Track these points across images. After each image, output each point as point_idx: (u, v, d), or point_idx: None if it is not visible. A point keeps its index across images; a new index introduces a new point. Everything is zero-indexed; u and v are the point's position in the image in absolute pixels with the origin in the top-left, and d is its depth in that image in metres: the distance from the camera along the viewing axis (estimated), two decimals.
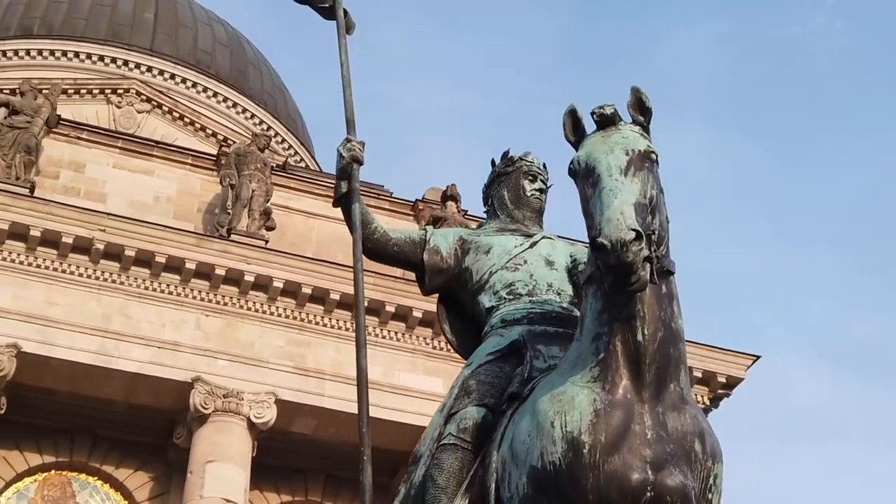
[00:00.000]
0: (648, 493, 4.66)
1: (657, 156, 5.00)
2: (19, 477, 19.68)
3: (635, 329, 4.84)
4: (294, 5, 6.68)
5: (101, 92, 29.88)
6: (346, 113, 6.24)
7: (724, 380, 22.68)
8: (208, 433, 19.00)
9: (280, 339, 20.09)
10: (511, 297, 5.78)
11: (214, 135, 30.17)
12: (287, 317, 20.30)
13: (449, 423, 5.38)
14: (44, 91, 21.87)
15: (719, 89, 71.88)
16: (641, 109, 5.10)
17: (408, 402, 20.40)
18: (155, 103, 30.15)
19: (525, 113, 74.65)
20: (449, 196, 23.43)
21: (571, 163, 5.09)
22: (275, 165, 23.91)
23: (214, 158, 22.62)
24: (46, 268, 19.29)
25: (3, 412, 18.85)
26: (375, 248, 6.02)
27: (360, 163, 5.94)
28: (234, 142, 25.13)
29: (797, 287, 65.39)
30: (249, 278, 20.05)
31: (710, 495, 4.86)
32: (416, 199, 23.77)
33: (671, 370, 4.91)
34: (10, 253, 19.22)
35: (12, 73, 29.15)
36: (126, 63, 31.36)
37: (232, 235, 20.65)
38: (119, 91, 29.98)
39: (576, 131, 5.17)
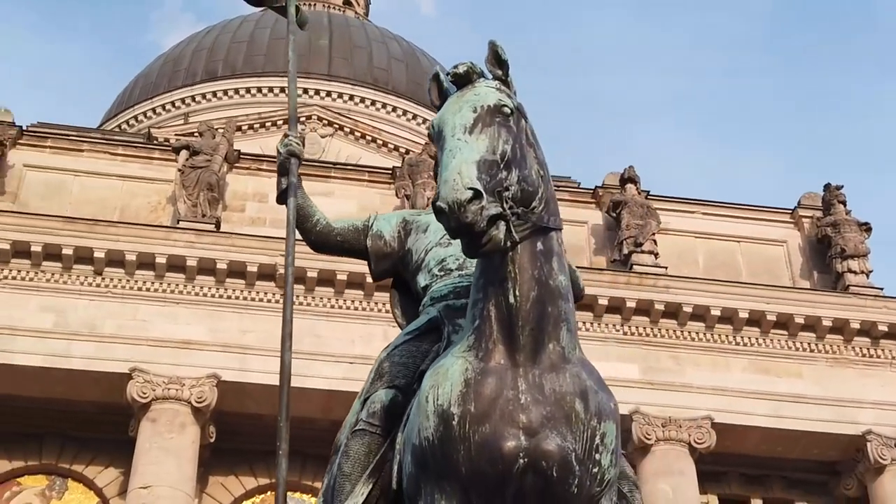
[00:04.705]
0: (521, 460, 4.47)
1: (512, 108, 4.74)
2: (238, 501, 20.45)
3: (507, 291, 4.64)
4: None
5: (285, 122, 30.83)
6: (289, 108, 6.23)
7: None
8: None
9: None
10: (442, 273, 5.62)
11: (396, 149, 30.68)
12: None
13: (363, 408, 5.26)
14: (219, 129, 22.68)
15: None
16: (498, 62, 4.86)
17: None
18: (336, 126, 30.94)
19: (737, 87, 72.75)
20: (627, 179, 23.00)
21: (429, 128, 4.94)
22: None
23: (390, 172, 22.93)
24: (237, 298, 20.01)
25: (213, 440, 19.64)
26: (319, 239, 5.96)
27: (299, 157, 5.91)
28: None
29: None
30: None
31: (597, 455, 4.59)
32: (596, 186, 23.44)
33: (549, 330, 4.67)
34: (202, 287, 20.04)
35: (202, 116, 30.45)
36: (306, 90, 32.30)
37: None
38: (301, 119, 30.88)
39: (441, 96, 4.98)
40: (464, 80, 4.86)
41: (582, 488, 4.54)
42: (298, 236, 5.92)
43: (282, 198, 5.93)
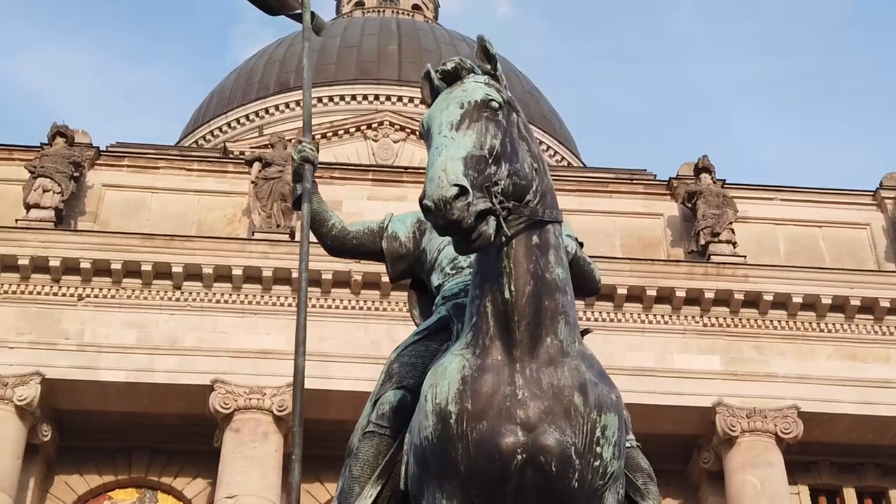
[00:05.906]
0: (519, 456, 4.41)
1: (501, 102, 4.68)
2: None
3: (503, 286, 4.59)
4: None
5: (357, 129, 31.06)
6: (304, 115, 6.21)
7: None
8: None
9: None
10: (454, 271, 5.57)
11: None
12: None
13: (373, 410, 5.24)
14: (291, 140, 22.87)
15: None
16: (487, 57, 4.82)
17: (687, 385, 19.88)
18: (408, 130, 31.02)
19: (814, 68, 71.55)
20: (702, 168, 22.69)
21: (419, 126, 4.89)
22: None
23: None
24: (313, 306, 20.11)
25: None
26: (335, 243, 5.94)
27: (313, 164, 5.90)
28: None
29: None
30: None
31: (598, 448, 4.49)
32: (670, 178, 23.16)
33: (546, 324, 4.60)
34: (279, 297, 20.22)
35: (276, 128, 30.71)
36: (377, 97, 32.48)
37: None
38: (373, 125, 31.07)
39: (432, 94, 4.94)
40: (453, 76, 4.84)
41: (583, 482, 4.47)
42: (314, 240, 5.92)
43: (297, 203, 5.95)
